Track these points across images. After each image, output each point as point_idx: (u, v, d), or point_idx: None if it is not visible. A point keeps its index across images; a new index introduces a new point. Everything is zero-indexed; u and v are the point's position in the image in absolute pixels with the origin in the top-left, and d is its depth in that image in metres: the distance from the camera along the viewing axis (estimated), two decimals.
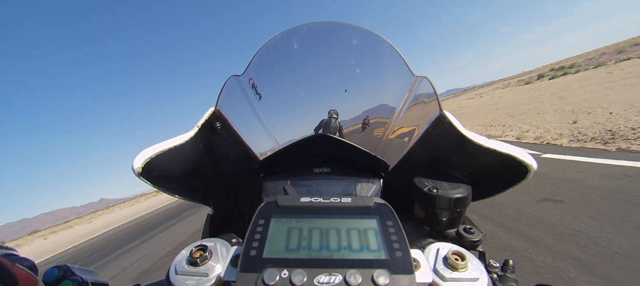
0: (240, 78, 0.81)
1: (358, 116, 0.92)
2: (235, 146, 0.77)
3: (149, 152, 0.52)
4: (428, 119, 0.65)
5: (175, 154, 0.57)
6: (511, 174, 0.51)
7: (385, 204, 0.44)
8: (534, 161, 0.48)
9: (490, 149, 0.51)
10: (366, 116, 0.91)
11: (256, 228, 0.40)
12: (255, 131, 0.87)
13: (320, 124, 0.93)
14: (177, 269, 0.40)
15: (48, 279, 0.43)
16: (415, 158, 0.71)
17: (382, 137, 0.87)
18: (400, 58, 0.76)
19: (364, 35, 0.83)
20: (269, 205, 0.45)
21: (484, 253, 0.53)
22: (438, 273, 0.38)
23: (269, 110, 0.88)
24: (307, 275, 0.33)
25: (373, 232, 0.40)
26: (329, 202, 0.45)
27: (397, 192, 0.72)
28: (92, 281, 0.46)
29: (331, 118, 0.92)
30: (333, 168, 0.79)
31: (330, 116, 0.92)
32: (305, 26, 0.82)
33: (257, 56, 0.81)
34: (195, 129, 0.62)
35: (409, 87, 0.78)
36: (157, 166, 0.54)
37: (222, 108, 0.70)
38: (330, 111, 0.92)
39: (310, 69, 0.91)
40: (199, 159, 0.67)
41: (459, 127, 0.56)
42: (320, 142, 0.73)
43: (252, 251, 0.37)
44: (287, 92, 0.92)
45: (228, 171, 0.80)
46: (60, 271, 0.44)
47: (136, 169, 0.51)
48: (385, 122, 0.87)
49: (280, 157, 0.78)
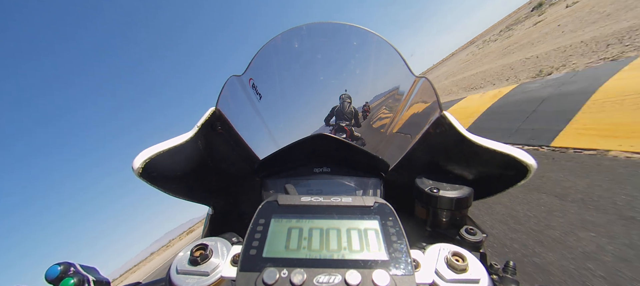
0: (240, 78, 0.81)
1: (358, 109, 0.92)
2: (235, 146, 0.77)
3: (149, 152, 0.52)
4: (428, 119, 0.65)
5: (175, 154, 0.57)
6: (511, 174, 0.51)
7: (386, 204, 0.44)
8: (534, 161, 0.48)
9: (491, 149, 0.51)
10: (365, 102, 0.89)
11: (256, 227, 0.40)
12: (255, 131, 0.87)
13: (332, 112, 0.88)
14: (178, 268, 0.40)
15: (50, 276, 0.43)
16: (416, 158, 0.71)
17: (382, 137, 0.87)
18: (400, 58, 0.76)
19: (363, 35, 0.83)
20: (269, 204, 0.44)
21: (485, 255, 0.53)
22: (439, 274, 0.38)
23: (269, 110, 0.88)
24: (306, 274, 0.33)
25: (373, 232, 0.39)
26: (330, 202, 0.45)
27: (398, 192, 0.72)
28: (93, 278, 0.46)
29: (344, 103, 0.87)
30: (333, 167, 0.79)
31: (342, 101, 0.88)
32: (305, 26, 0.83)
33: (257, 56, 0.82)
34: (195, 129, 0.62)
35: (408, 88, 0.78)
36: (157, 166, 0.54)
37: (222, 108, 0.70)
38: (342, 96, 0.87)
39: (310, 69, 0.91)
40: (199, 159, 0.67)
41: (460, 129, 0.56)
42: (320, 142, 0.73)
43: (252, 250, 0.37)
44: (287, 92, 0.92)
45: (228, 171, 0.80)
46: (63, 268, 0.44)
47: (136, 170, 0.51)
48: (386, 122, 0.87)
49: (280, 157, 0.78)
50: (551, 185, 2.69)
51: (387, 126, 0.87)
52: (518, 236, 2.21)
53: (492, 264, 0.53)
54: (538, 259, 1.92)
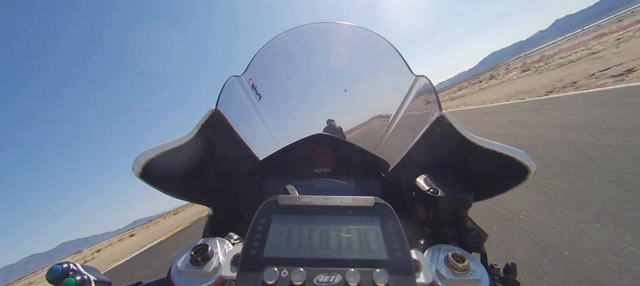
0: (240, 79, 0.81)
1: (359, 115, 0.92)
2: (235, 146, 0.77)
3: (149, 153, 0.52)
4: (428, 119, 0.65)
5: (176, 155, 0.57)
6: (511, 174, 0.51)
7: (386, 204, 0.44)
8: (534, 162, 0.48)
9: (490, 150, 0.51)
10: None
11: (257, 227, 0.40)
12: (256, 132, 0.87)
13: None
14: (178, 268, 0.40)
15: (52, 276, 0.43)
16: (416, 158, 0.70)
17: (382, 137, 0.87)
18: (400, 58, 0.76)
19: (363, 35, 0.83)
20: (269, 205, 0.44)
21: (485, 255, 0.53)
22: (439, 274, 0.38)
23: (269, 110, 0.88)
24: (307, 274, 0.33)
25: (373, 232, 0.39)
26: (330, 202, 0.45)
27: (398, 192, 0.72)
28: (95, 279, 0.47)
29: (331, 124, 0.92)
30: (333, 167, 0.79)
31: (329, 123, 0.92)
32: (305, 26, 0.83)
33: (256, 56, 0.82)
34: (195, 130, 0.62)
35: (408, 87, 0.78)
36: (157, 167, 0.54)
37: (222, 109, 0.70)
38: (328, 120, 0.92)
39: (310, 69, 0.91)
40: (199, 159, 0.67)
41: (459, 129, 0.56)
42: (320, 142, 0.73)
43: (252, 250, 0.37)
44: (287, 92, 0.92)
45: (228, 171, 0.80)
46: (64, 268, 0.44)
47: (136, 171, 0.51)
48: (385, 122, 0.87)
49: (281, 157, 0.78)
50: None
51: (387, 126, 0.86)
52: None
53: (493, 265, 0.53)
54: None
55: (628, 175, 2.62)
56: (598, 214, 2.25)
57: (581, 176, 2.94)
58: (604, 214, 2.23)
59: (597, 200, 2.43)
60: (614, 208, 2.25)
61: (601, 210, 2.28)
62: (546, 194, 2.86)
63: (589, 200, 2.48)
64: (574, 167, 3.18)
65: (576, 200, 2.55)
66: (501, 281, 0.51)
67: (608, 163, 2.97)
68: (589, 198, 2.50)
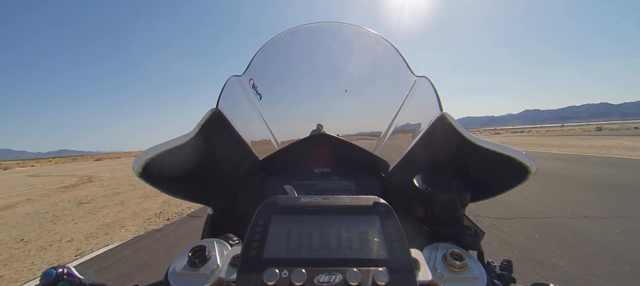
0: (240, 78, 0.81)
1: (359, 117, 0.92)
2: (235, 146, 0.77)
3: (149, 153, 0.52)
4: (428, 119, 0.65)
5: (176, 154, 0.57)
6: (511, 175, 0.51)
7: (385, 204, 0.44)
8: (534, 163, 0.48)
9: (491, 150, 0.51)
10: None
11: (256, 228, 0.40)
12: (256, 131, 0.87)
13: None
14: (176, 270, 0.39)
15: (46, 280, 0.42)
16: (416, 158, 0.71)
17: (382, 138, 0.87)
18: (401, 58, 0.76)
19: (364, 35, 0.83)
20: (269, 205, 0.44)
21: (482, 253, 0.54)
22: (437, 272, 0.38)
23: (269, 110, 0.88)
24: (307, 274, 0.33)
25: (373, 232, 0.40)
26: (329, 202, 0.45)
27: (397, 192, 0.72)
28: (89, 282, 0.46)
29: (319, 129, 0.92)
30: (333, 168, 0.79)
31: (318, 128, 0.92)
32: (306, 26, 0.82)
33: (257, 56, 0.81)
34: (195, 130, 0.62)
35: (409, 88, 0.78)
36: (157, 166, 0.54)
37: (222, 108, 0.70)
38: (317, 125, 0.93)
39: (310, 69, 0.91)
40: (199, 159, 0.67)
41: (460, 129, 0.56)
42: (320, 142, 0.73)
43: (252, 251, 0.37)
44: (288, 92, 0.92)
45: (228, 171, 0.80)
46: (58, 272, 0.43)
47: (136, 170, 0.50)
48: (385, 122, 0.87)
49: (281, 157, 0.78)
50: None
51: (387, 126, 0.86)
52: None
53: (490, 262, 0.54)
54: None
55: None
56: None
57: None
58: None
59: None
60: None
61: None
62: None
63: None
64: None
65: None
66: (498, 278, 0.52)
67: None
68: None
